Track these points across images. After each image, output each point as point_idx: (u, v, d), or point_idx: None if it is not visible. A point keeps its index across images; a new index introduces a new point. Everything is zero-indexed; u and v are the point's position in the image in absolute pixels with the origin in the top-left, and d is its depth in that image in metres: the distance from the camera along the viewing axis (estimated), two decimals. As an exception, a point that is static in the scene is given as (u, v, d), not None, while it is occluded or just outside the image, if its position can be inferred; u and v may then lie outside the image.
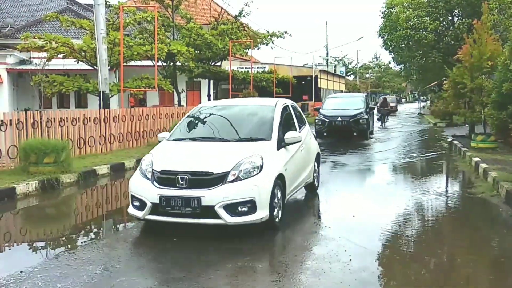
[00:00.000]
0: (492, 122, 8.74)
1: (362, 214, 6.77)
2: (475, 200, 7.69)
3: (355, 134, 16.71)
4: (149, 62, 18.90)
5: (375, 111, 23.72)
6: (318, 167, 8.65)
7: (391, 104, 39.57)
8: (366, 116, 17.12)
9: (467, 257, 5.17)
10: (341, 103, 18.37)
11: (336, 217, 6.74)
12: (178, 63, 20.16)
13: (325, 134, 16.80)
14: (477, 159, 10.51)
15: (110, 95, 14.13)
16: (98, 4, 13.37)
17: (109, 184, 9.75)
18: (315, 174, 8.28)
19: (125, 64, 15.58)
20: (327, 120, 16.88)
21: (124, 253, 5.18)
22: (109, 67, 14.73)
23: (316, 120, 17.42)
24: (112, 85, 14.89)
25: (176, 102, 22.42)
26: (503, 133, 8.18)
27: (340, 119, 16.68)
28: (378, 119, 22.64)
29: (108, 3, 18.26)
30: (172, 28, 20.80)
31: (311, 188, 8.21)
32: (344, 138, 16.90)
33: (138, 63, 18.30)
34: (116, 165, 10.72)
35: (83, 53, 15.63)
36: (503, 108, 7.91)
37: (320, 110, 17.96)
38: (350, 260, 4.75)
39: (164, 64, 20.06)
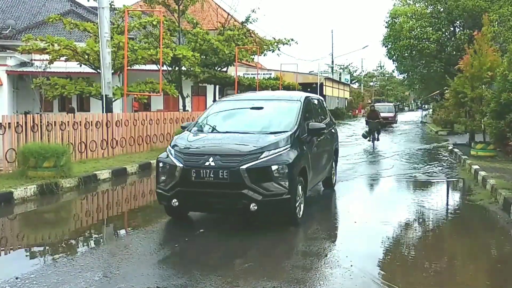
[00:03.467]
0: (491, 131, 8.87)
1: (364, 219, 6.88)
2: (474, 207, 7.78)
3: (253, 208, 5.80)
4: (154, 67, 18.95)
5: (357, 126, 21.08)
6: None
7: (387, 114, 32.18)
8: (292, 156, 6.16)
9: (465, 262, 5.27)
10: (242, 118, 7.45)
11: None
12: (183, 68, 20.25)
13: (175, 203, 6.15)
14: (476, 167, 10.64)
15: (113, 99, 14.04)
16: (103, 7, 13.34)
17: (110, 189, 9.57)
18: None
19: (129, 68, 15.58)
20: (179, 164, 6.13)
21: (124, 259, 5.05)
22: (112, 71, 14.64)
23: (160, 165, 6.46)
24: (115, 89, 14.81)
25: (181, 107, 22.50)
26: (501, 142, 8.29)
27: (213, 165, 5.93)
28: (364, 136, 18.63)
29: (113, 6, 18.31)
30: (178, 33, 20.93)
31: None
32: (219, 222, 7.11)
33: (143, 67, 18.33)
34: (118, 170, 10.55)
35: (86, 56, 15.53)
36: (502, 117, 8.04)
37: (177, 141, 6.62)
38: (351, 265, 4.80)
39: (170, 68, 20.16)
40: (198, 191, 5.89)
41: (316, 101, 8.41)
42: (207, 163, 5.75)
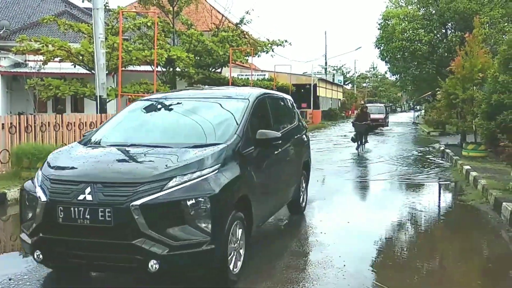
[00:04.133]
0: (482, 132, 9.02)
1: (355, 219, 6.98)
2: (465, 207, 7.91)
3: (153, 267, 3.74)
4: (148, 67, 18.99)
5: (349, 126, 19.09)
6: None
7: (376, 116, 29.56)
8: (222, 182, 4.15)
9: (457, 262, 5.36)
10: (162, 124, 5.34)
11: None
12: (177, 69, 20.31)
13: (38, 257, 4.02)
14: (467, 167, 10.80)
15: (107, 100, 13.97)
16: (97, 8, 13.33)
17: None
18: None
19: (123, 68, 15.60)
20: (43, 197, 3.96)
21: None
22: (107, 72, 14.65)
23: (23, 197, 4.33)
24: (109, 90, 14.77)
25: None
26: (492, 142, 8.44)
27: (90, 199, 3.82)
28: (352, 140, 16.84)
29: (107, 8, 18.34)
30: (172, 34, 20.99)
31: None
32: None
33: (137, 68, 18.37)
34: None
35: (80, 57, 15.52)
36: (492, 118, 8.17)
37: (51, 159, 4.46)
38: (344, 265, 4.86)
39: (164, 69, 20.22)
40: (69, 241, 3.82)
41: (278, 101, 6.57)
42: (81, 196, 3.77)
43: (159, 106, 5.54)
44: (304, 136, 7.28)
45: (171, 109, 5.39)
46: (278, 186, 5.76)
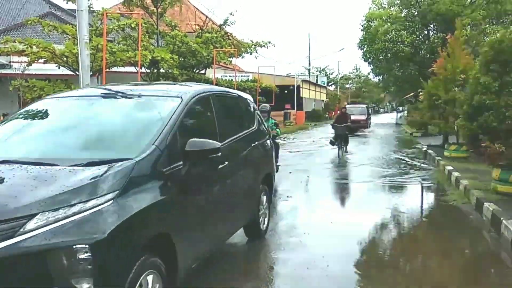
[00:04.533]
0: (464, 133, 9.18)
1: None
2: (448, 208, 8.02)
3: None
4: (132, 69, 18.93)
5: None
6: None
7: (358, 117, 28.17)
8: (118, 219, 2.86)
9: (440, 262, 5.44)
10: (57, 131, 3.96)
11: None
12: (162, 70, 20.28)
13: None
14: (450, 168, 10.97)
15: (91, 101, 14.09)
16: (81, 10, 13.22)
17: None
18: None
19: (108, 70, 15.57)
20: None
21: None
22: (91, 73, 14.60)
23: None
24: (94, 91, 14.82)
25: (158, 108, 22.41)
26: (474, 143, 8.59)
27: None
28: (331, 143, 15.48)
29: (91, 9, 18.24)
30: (156, 35, 20.94)
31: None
32: None
33: (121, 69, 18.31)
34: None
35: (65, 58, 15.43)
36: (474, 119, 8.31)
37: None
38: (328, 266, 4.91)
39: (148, 70, 20.16)
40: None
41: (230, 101, 5.38)
42: None
43: (61, 107, 4.30)
44: (266, 143, 5.99)
45: (75, 111, 4.15)
46: (223, 211, 4.40)
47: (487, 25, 27.58)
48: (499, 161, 7.68)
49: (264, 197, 5.74)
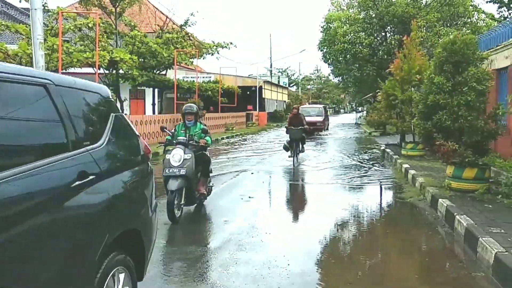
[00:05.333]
0: (419, 132, 9.41)
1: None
2: (405, 205, 8.26)
3: None
4: (90, 70, 18.52)
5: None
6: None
7: (314, 119, 26.30)
8: None
9: (397, 257, 5.61)
10: None
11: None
12: (121, 71, 19.92)
13: None
14: (406, 166, 11.29)
15: (47, 103, 13.68)
16: (35, 9, 12.87)
17: None
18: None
19: (64, 71, 15.19)
20: None
21: None
22: (47, 74, 14.24)
23: None
24: (50, 93, 14.42)
25: (118, 110, 22.03)
26: (429, 141, 8.83)
27: None
28: (285, 149, 13.83)
29: (46, 8, 17.72)
30: (115, 36, 20.56)
31: None
32: None
33: (79, 70, 17.87)
34: None
35: (18, 59, 15.02)
36: (429, 118, 8.55)
37: None
38: (289, 265, 4.97)
39: (107, 72, 19.75)
40: None
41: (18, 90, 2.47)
42: None
43: None
44: (135, 172, 3.53)
45: None
46: None
47: (441, 27, 28.51)
48: (452, 158, 7.97)
49: (121, 276, 3.12)
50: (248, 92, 39.26)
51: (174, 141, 7.17)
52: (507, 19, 16.01)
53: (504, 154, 10.61)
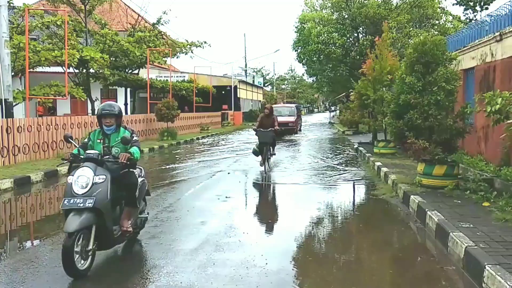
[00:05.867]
0: (391, 130, 9.56)
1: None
2: (378, 201, 8.37)
3: None
4: (59, 69, 18.11)
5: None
6: None
7: (285, 119, 25.08)
8: None
9: (371, 253, 5.66)
10: None
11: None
12: (91, 70, 19.54)
13: None
14: (379, 163, 11.45)
15: (13, 103, 13.27)
16: (0, 6, 12.63)
17: (12, 199, 9.01)
18: None
19: (31, 70, 14.81)
20: None
21: (29, 274, 4.67)
22: (13, 73, 13.88)
23: None
24: (16, 93, 14.05)
25: (90, 111, 21.64)
26: (400, 140, 8.98)
27: None
28: (255, 153, 12.56)
29: (12, 5, 17.23)
30: (85, 34, 20.15)
31: None
32: None
33: (47, 69, 17.45)
34: (21, 178, 10.02)
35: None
36: (400, 117, 8.70)
37: None
38: (266, 264, 4.95)
39: (77, 71, 19.33)
40: None
41: None
42: None
43: None
44: None
45: None
46: None
47: (411, 29, 29.06)
48: (423, 156, 8.11)
49: None
50: (223, 92, 39.17)
51: (82, 157, 5.08)
52: (473, 21, 16.44)
53: (471, 151, 10.88)
